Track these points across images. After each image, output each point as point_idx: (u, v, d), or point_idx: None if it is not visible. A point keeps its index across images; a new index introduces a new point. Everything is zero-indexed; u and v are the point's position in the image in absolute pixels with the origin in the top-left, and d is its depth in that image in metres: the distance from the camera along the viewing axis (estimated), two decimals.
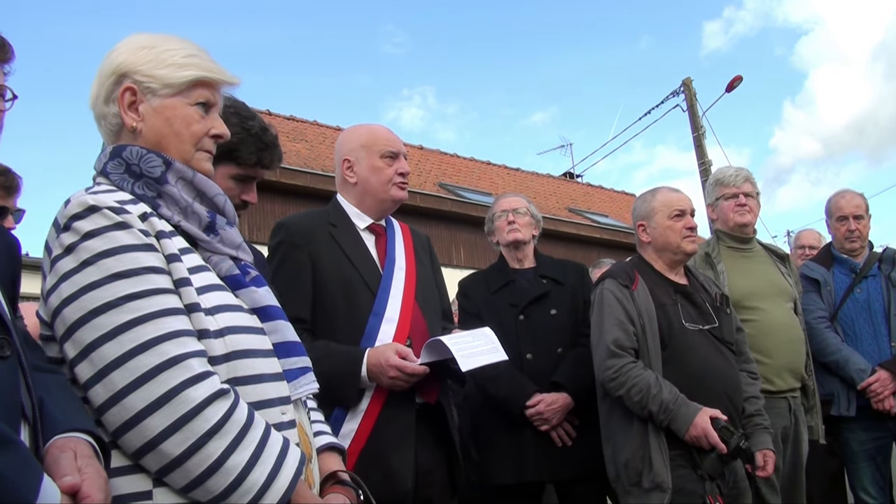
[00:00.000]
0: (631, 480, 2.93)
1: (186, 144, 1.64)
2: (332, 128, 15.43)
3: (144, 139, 1.61)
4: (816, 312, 4.03)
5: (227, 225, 1.67)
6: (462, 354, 2.45)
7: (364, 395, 2.53)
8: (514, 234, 3.59)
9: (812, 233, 5.81)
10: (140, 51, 1.61)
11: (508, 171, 18.50)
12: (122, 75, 1.60)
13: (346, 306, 2.63)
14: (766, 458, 3.10)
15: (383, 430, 2.50)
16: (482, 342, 2.60)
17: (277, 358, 1.60)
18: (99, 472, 1.19)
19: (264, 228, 11.15)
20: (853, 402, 3.89)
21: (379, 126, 2.92)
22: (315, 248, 2.68)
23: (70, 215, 1.44)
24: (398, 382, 2.46)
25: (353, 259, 2.69)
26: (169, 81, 1.61)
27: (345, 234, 2.74)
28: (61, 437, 1.22)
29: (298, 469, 1.44)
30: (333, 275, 2.65)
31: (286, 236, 2.72)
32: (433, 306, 2.83)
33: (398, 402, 2.54)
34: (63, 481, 1.13)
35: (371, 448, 2.46)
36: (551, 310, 3.46)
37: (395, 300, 2.65)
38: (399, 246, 2.81)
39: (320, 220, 2.78)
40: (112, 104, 1.61)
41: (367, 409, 2.51)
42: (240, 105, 2.31)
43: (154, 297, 1.41)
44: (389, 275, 2.69)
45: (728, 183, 3.87)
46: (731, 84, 14.72)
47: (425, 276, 2.83)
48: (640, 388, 2.89)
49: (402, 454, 2.50)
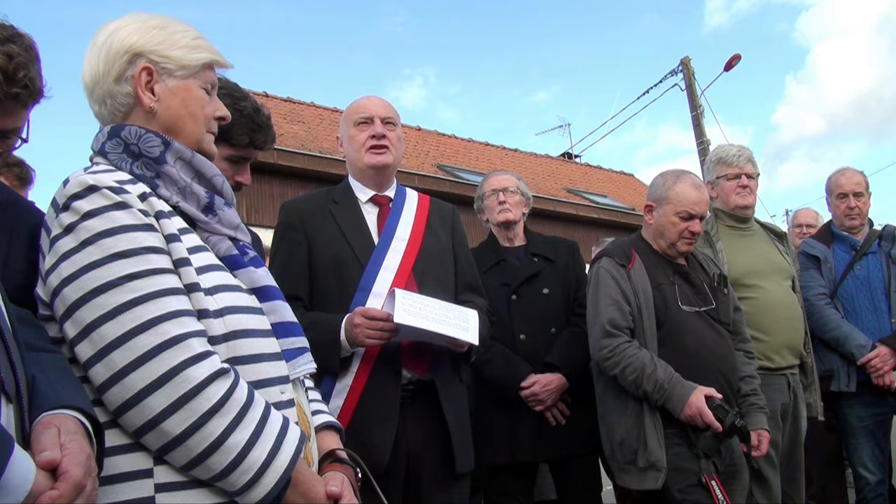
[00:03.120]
0: (626, 459, 2.96)
1: (200, 125, 1.66)
2: (329, 109, 15.40)
3: (159, 120, 1.61)
4: (817, 289, 4.05)
5: (225, 205, 1.67)
6: (405, 308, 2.35)
7: (348, 370, 2.51)
8: (505, 215, 3.58)
9: (810, 212, 5.83)
10: (151, 30, 1.61)
11: (507, 151, 18.47)
12: (137, 54, 1.59)
13: (336, 282, 2.62)
14: (760, 438, 3.12)
15: (367, 405, 2.48)
16: (450, 315, 2.47)
17: (276, 338, 1.60)
18: (82, 448, 1.17)
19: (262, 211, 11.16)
20: (853, 378, 3.92)
21: (362, 97, 2.88)
22: (312, 226, 2.69)
23: (69, 195, 1.43)
24: (369, 332, 2.40)
25: (347, 234, 2.67)
26: (185, 63, 1.62)
27: (344, 210, 2.74)
28: (48, 414, 1.21)
29: (298, 447, 1.45)
30: (327, 252, 2.65)
31: (284, 217, 2.76)
32: (439, 279, 2.72)
33: (383, 378, 2.51)
34: (41, 456, 1.11)
35: (355, 423, 2.43)
36: (543, 289, 3.46)
37: (388, 272, 2.60)
38: (405, 217, 2.76)
39: (322, 199, 2.79)
40: (124, 83, 1.60)
41: (352, 385, 2.50)
42: (232, 86, 2.31)
43: (154, 276, 1.41)
44: (384, 248, 2.65)
45: (730, 162, 3.85)
46: (729, 63, 14.67)
47: (435, 249, 2.76)
48: (634, 367, 2.89)
49: (383, 429, 2.46)
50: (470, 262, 2.94)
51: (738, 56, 14.58)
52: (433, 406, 2.58)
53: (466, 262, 2.91)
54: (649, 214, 3.26)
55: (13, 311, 1.33)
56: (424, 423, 2.57)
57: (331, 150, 12.42)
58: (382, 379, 2.52)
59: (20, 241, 1.54)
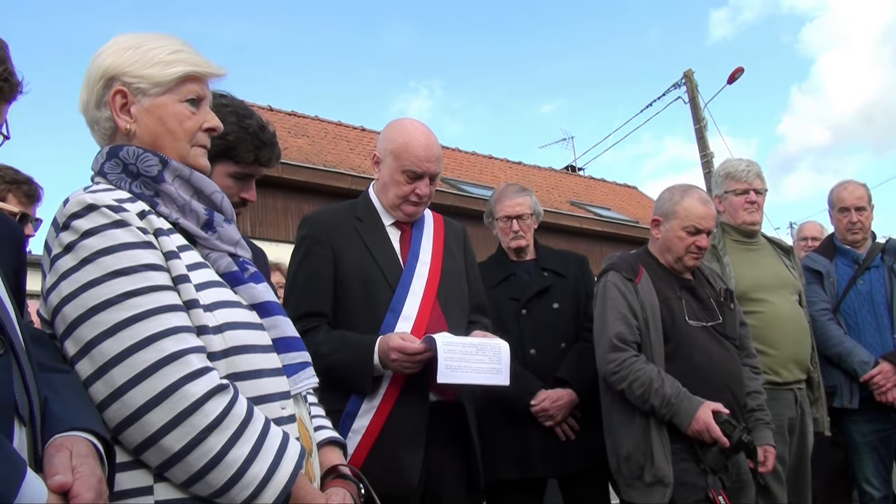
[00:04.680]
0: (633, 474, 2.94)
1: (181, 141, 1.64)
2: (333, 123, 15.48)
3: (139, 140, 1.61)
4: (819, 304, 4.03)
5: (224, 222, 1.67)
6: (447, 365, 2.37)
7: (377, 391, 2.52)
8: (518, 242, 3.56)
9: (815, 225, 5.81)
10: (126, 52, 1.61)
11: (510, 164, 18.49)
12: (111, 78, 1.59)
13: (364, 302, 2.62)
14: (766, 454, 3.10)
15: (394, 427, 2.49)
16: (486, 358, 2.48)
17: (277, 353, 1.60)
18: (93, 472, 1.18)
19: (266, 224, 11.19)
20: (856, 395, 3.89)
21: (418, 137, 2.73)
22: (339, 242, 2.68)
23: (69, 214, 1.44)
24: (405, 364, 2.43)
25: (375, 254, 2.68)
26: (158, 80, 1.60)
27: (369, 229, 2.74)
28: (60, 437, 1.22)
29: (298, 463, 1.45)
30: (355, 270, 2.65)
31: (310, 231, 2.74)
32: (459, 302, 2.77)
33: (411, 399, 2.53)
34: (53, 480, 1.11)
35: (381, 444, 2.45)
36: (553, 304, 3.45)
37: (415, 297, 2.62)
38: (426, 240, 2.78)
39: (346, 214, 2.78)
40: (104, 108, 1.61)
41: (379, 406, 2.51)
42: (237, 103, 2.31)
43: (153, 293, 1.41)
44: (411, 271, 2.67)
45: (739, 178, 3.83)
46: (732, 76, 14.70)
47: (453, 270, 2.78)
48: (641, 381, 2.88)
49: (411, 451, 2.49)
50: (478, 282, 2.97)
51: (741, 69, 14.62)
52: (459, 427, 2.62)
53: (476, 283, 2.95)
54: (656, 229, 3.25)
55: (27, 331, 1.33)
56: (447, 443, 2.60)
57: (335, 163, 12.47)
58: (411, 401, 2.53)
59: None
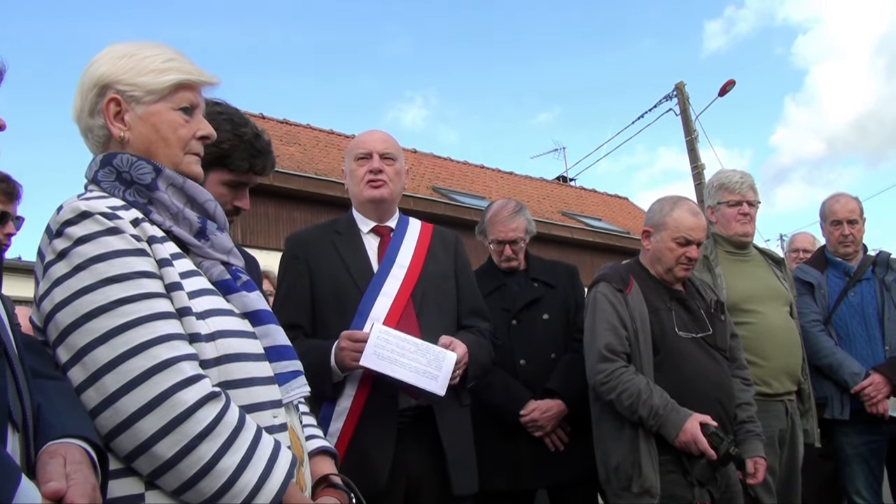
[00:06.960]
0: (621, 484, 2.94)
1: (175, 149, 1.65)
2: (324, 131, 15.47)
3: (133, 148, 1.61)
4: (810, 316, 4.04)
5: (217, 230, 1.68)
6: (375, 351, 2.38)
7: (346, 395, 2.55)
8: (510, 264, 3.59)
9: (807, 236, 5.83)
10: (119, 60, 1.61)
11: (502, 174, 18.52)
12: (105, 86, 1.60)
13: (336, 308, 2.67)
14: (756, 466, 3.10)
15: (364, 428, 2.52)
16: (423, 360, 2.43)
17: (269, 362, 1.60)
18: (86, 479, 1.17)
19: (258, 232, 11.16)
20: (847, 406, 3.90)
21: (364, 132, 2.94)
22: (314, 256, 2.76)
23: (62, 221, 1.44)
24: (354, 355, 2.43)
25: (348, 261, 2.73)
26: (151, 88, 1.61)
27: (345, 240, 2.80)
28: (54, 443, 1.21)
29: (290, 471, 1.44)
30: (327, 279, 2.71)
31: (288, 248, 2.85)
32: (439, 303, 2.76)
33: (379, 402, 2.55)
34: (47, 487, 1.11)
35: (352, 445, 2.49)
36: (544, 314, 3.46)
37: (386, 298, 2.64)
38: (406, 245, 2.81)
39: (326, 230, 2.86)
40: (97, 116, 1.62)
41: (350, 409, 2.54)
42: (232, 111, 2.32)
43: (146, 301, 1.41)
44: (384, 274, 2.70)
45: (733, 189, 3.84)
46: (723, 88, 14.79)
47: (434, 273, 2.79)
48: (630, 392, 2.88)
49: (380, 451, 2.50)
50: (473, 287, 2.97)
51: (733, 81, 14.71)
52: (432, 431, 2.60)
53: (470, 288, 2.95)
54: (647, 240, 3.26)
55: (20, 337, 1.32)
56: (424, 447, 2.59)
57: (326, 171, 12.46)
58: (379, 403, 2.55)
59: None
